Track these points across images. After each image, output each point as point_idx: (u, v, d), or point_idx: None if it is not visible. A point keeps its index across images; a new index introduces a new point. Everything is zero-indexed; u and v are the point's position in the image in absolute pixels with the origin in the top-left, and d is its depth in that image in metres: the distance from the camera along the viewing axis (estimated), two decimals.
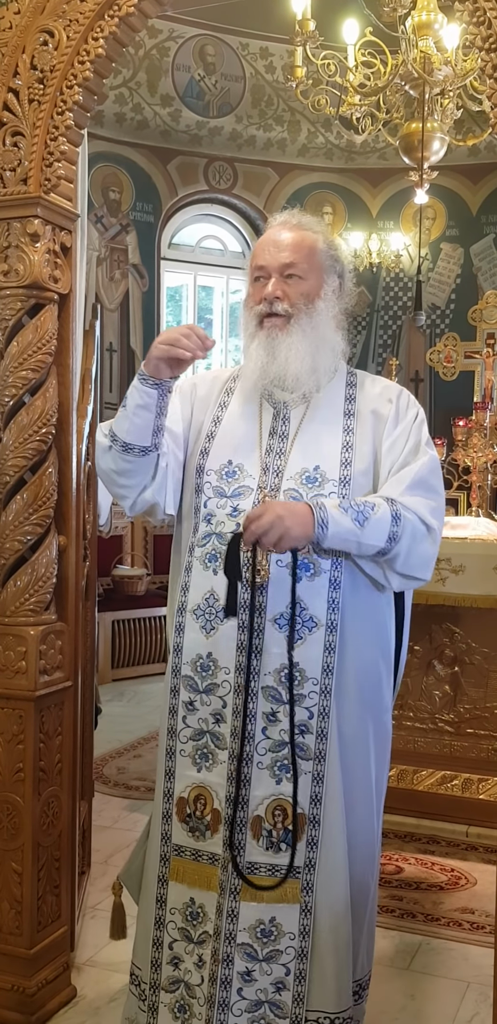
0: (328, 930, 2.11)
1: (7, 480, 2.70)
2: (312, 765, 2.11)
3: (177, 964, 2.18)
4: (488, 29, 2.34)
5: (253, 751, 2.11)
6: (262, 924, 2.11)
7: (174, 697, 2.22)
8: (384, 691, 2.26)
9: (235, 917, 2.11)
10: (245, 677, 2.11)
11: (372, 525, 2.07)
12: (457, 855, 3.91)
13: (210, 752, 2.16)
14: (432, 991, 2.91)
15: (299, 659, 2.10)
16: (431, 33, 5.45)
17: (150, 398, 2.14)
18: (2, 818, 2.69)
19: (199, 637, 2.18)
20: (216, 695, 2.15)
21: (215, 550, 2.17)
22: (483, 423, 5.35)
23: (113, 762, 5.21)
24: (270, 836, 2.11)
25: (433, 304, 9.36)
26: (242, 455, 2.21)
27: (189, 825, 2.18)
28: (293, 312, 2.19)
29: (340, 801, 2.12)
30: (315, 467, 2.17)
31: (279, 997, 2.11)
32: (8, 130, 2.71)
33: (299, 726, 2.11)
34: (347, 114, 5.84)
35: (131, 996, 2.30)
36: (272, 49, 8.77)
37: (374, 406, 2.25)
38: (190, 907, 2.17)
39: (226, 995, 2.10)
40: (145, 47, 8.45)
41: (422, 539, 2.13)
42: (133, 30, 2.74)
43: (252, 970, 2.11)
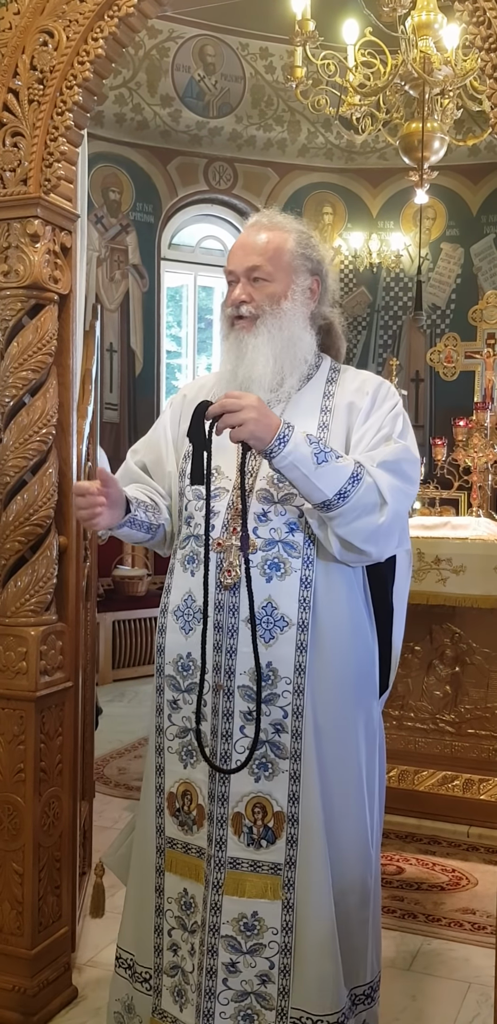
0: (311, 929, 2.12)
1: (7, 480, 2.70)
2: (289, 764, 2.13)
3: (176, 951, 2.24)
4: (488, 29, 2.34)
5: (231, 749, 2.13)
6: (245, 918, 2.14)
7: (160, 696, 2.26)
8: (370, 688, 2.26)
9: (218, 910, 2.15)
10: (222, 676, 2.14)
11: (328, 471, 2.03)
12: (458, 856, 3.91)
13: (194, 749, 2.20)
14: (433, 992, 2.90)
15: (272, 658, 2.11)
16: (431, 33, 5.46)
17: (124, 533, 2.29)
18: (3, 819, 2.69)
19: (179, 638, 2.22)
20: (196, 694, 2.18)
21: (193, 552, 2.21)
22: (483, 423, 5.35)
23: (114, 762, 5.21)
24: (251, 833, 2.14)
25: (433, 304, 9.36)
26: (220, 457, 2.23)
27: (178, 819, 2.24)
28: (258, 313, 2.21)
29: (317, 800, 2.12)
30: None
31: (265, 989, 2.14)
32: (8, 131, 2.71)
33: (274, 725, 2.12)
34: (347, 114, 5.84)
35: (119, 979, 2.36)
36: (272, 49, 8.78)
37: (350, 399, 2.24)
38: (184, 897, 2.23)
39: (212, 984, 2.14)
40: (145, 47, 8.45)
41: (372, 510, 2.08)
42: (133, 30, 2.74)
43: (237, 962, 2.14)
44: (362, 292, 9.62)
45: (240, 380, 2.21)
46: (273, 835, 2.13)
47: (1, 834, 2.70)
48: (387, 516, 2.08)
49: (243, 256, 2.24)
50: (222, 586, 2.14)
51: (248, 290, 2.21)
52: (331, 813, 2.14)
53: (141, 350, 9.15)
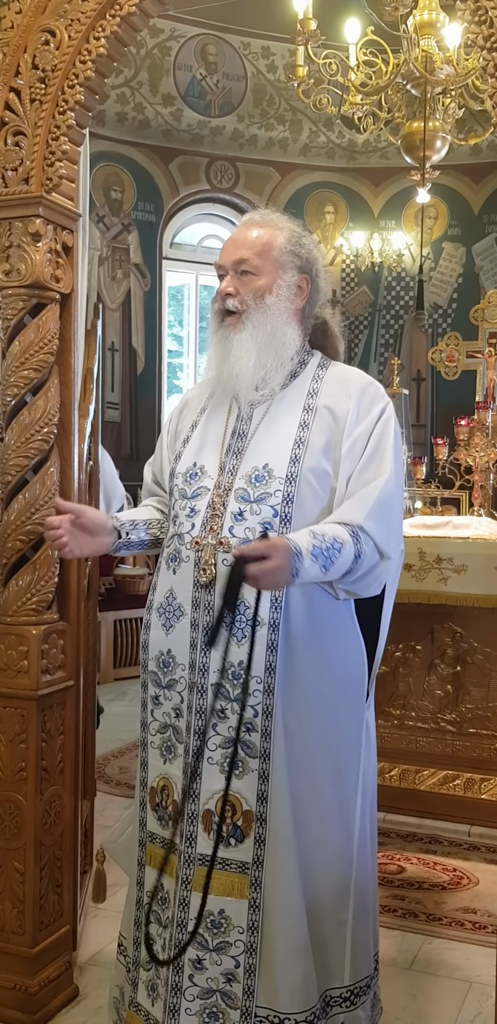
0: (278, 928, 2.12)
1: (9, 479, 2.70)
2: (258, 763, 2.13)
3: (151, 945, 2.24)
4: (490, 28, 2.34)
5: (204, 746, 2.15)
6: (211, 915, 2.14)
7: (144, 691, 2.30)
8: (354, 690, 2.24)
9: (186, 906, 2.15)
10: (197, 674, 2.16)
11: (335, 568, 2.06)
12: (459, 855, 3.91)
13: (172, 745, 2.22)
14: (434, 991, 2.90)
15: (243, 657, 2.10)
16: (433, 32, 5.46)
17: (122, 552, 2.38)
18: (4, 817, 2.70)
19: (160, 634, 2.24)
20: (175, 690, 2.21)
21: (176, 550, 2.23)
22: (485, 422, 5.35)
23: (115, 761, 5.21)
24: (220, 830, 2.14)
25: (435, 303, 9.35)
26: (205, 456, 2.26)
27: (158, 814, 2.26)
28: (243, 308, 2.23)
29: (286, 800, 2.12)
30: (264, 465, 2.18)
31: (230, 988, 2.14)
32: (10, 130, 2.71)
33: (245, 724, 2.13)
34: (349, 113, 5.84)
35: (119, 965, 2.40)
36: (274, 48, 8.78)
37: (330, 400, 2.22)
38: (160, 891, 2.24)
39: (179, 979, 2.15)
40: (147, 46, 8.45)
41: (374, 568, 2.13)
42: (134, 29, 2.74)
43: (203, 958, 2.15)
44: (364, 291, 9.61)
45: (225, 378, 2.25)
46: (242, 834, 2.14)
47: (2, 833, 2.70)
48: (386, 565, 2.16)
49: (232, 250, 2.26)
50: (199, 584, 2.16)
51: (235, 283, 2.24)
52: (302, 815, 2.13)
53: (143, 349, 9.15)
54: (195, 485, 2.24)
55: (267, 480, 2.16)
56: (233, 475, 2.21)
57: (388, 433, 2.20)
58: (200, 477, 2.24)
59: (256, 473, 2.18)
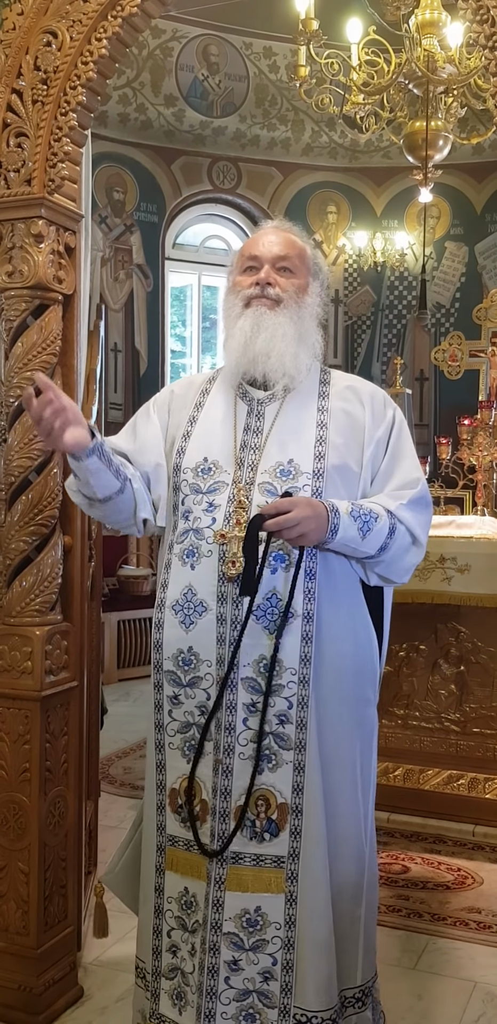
0: (311, 923, 2.12)
1: (12, 481, 2.70)
2: (293, 755, 2.13)
3: (175, 952, 2.22)
4: (492, 27, 2.34)
5: (235, 742, 2.13)
6: (248, 913, 2.13)
7: (158, 692, 2.25)
8: (364, 682, 2.26)
9: (220, 906, 2.13)
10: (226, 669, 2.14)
11: (372, 536, 2.15)
12: (463, 854, 3.91)
13: (197, 744, 2.18)
14: (439, 991, 2.90)
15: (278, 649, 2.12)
16: (435, 31, 5.45)
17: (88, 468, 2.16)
18: (8, 818, 2.70)
19: (179, 632, 2.20)
20: (200, 688, 2.18)
21: (193, 546, 2.20)
22: (488, 422, 5.35)
23: (119, 762, 5.22)
24: (254, 826, 2.13)
25: (438, 303, 9.35)
26: (217, 451, 2.25)
27: (181, 816, 2.21)
28: (283, 298, 2.26)
29: (320, 790, 2.14)
30: (289, 460, 2.21)
31: (267, 987, 2.13)
32: (12, 131, 2.71)
33: (279, 716, 2.13)
34: (351, 113, 5.84)
35: (138, 989, 2.33)
36: (276, 48, 8.77)
37: (345, 405, 2.29)
38: (184, 896, 2.20)
39: (214, 983, 2.12)
40: (148, 47, 8.45)
41: (407, 551, 2.23)
42: (136, 30, 2.74)
43: (239, 959, 2.13)
44: (366, 291, 9.61)
45: (253, 354, 2.24)
46: (276, 827, 2.13)
47: (7, 833, 2.70)
48: (420, 552, 2.26)
49: (270, 245, 2.30)
50: (225, 578, 2.14)
51: (273, 276, 2.27)
52: (329, 807, 2.15)
53: (145, 350, 9.15)
54: (210, 480, 2.22)
55: (294, 475, 2.19)
56: (253, 470, 2.21)
57: (406, 434, 2.32)
58: (215, 472, 2.23)
59: (281, 468, 2.20)
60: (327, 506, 2.10)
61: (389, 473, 2.26)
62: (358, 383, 2.38)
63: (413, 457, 2.30)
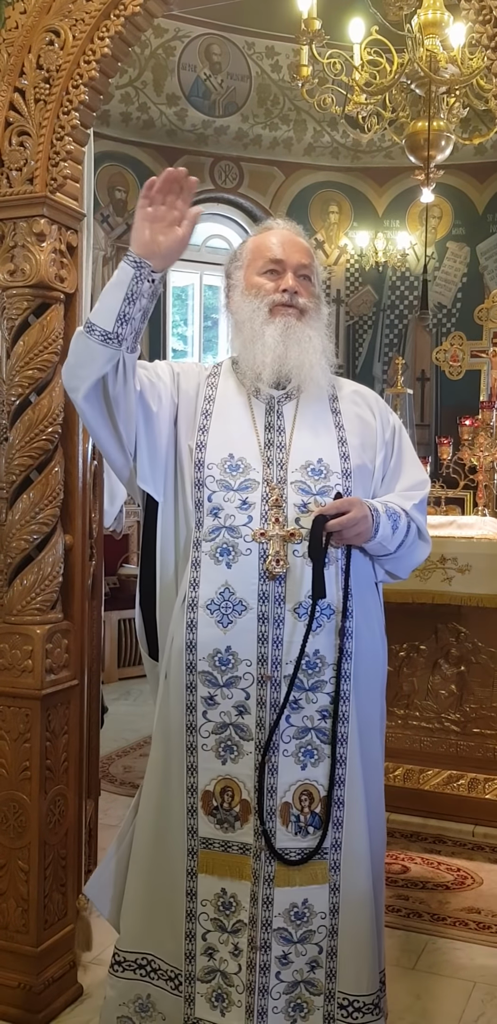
0: (354, 908, 2.18)
1: (13, 479, 2.70)
2: (334, 748, 2.17)
3: (212, 954, 2.21)
4: (494, 27, 2.34)
5: (279, 739, 2.15)
6: (296, 907, 2.17)
7: (191, 694, 2.20)
8: (382, 675, 2.35)
9: (270, 904, 2.16)
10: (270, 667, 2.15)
11: (398, 534, 2.25)
12: (463, 855, 3.91)
13: (234, 744, 2.18)
14: (438, 991, 2.90)
15: (318, 646, 2.16)
16: (437, 31, 5.45)
17: (124, 275, 2.09)
18: (9, 816, 2.70)
19: (215, 632, 2.18)
20: (238, 687, 2.17)
21: (227, 543, 2.18)
22: (489, 422, 5.35)
23: (119, 761, 5.22)
24: (298, 821, 2.16)
25: (439, 303, 9.34)
26: (242, 449, 2.25)
27: (217, 817, 2.20)
28: (309, 308, 2.29)
29: (361, 781, 2.20)
30: (319, 459, 2.24)
31: (313, 975, 2.18)
32: (14, 130, 2.71)
33: (320, 711, 2.17)
34: (353, 113, 5.84)
35: (124, 982, 2.31)
36: (278, 48, 8.77)
37: (356, 409, 2.36)
38: (222, 897, 2.20)
39: (265, 980, 2.16)
40: (151, 46, 8.45)
41: (416, 549, 2.33)
42: (139, 29, 2.74)
43: (288, 953, 2.17)
44: (368, 291, 9.60)
45: (286, 369, 2.25)
46: (320, 820, 2.17)
47: (7, 832, 2.70)
48: (428, 548, 2.37)
49: (292, 251, 2.31)
50: (268, 576, 2.15)
51: (297, 284, 2.28)
52: (369, 797, 2.22)
53: (147, 349, 9.14)
54: (240, 478, 2.21)
55: (325, 474, 2.22)
56: (283, 468, 2.22)
57: (406, 436, 2.42)
58: (244, 470, 2.22)
59: (312, 467, 2.23)
60: (369, 506, 2.19)
61: (397, 474, 2.35)
62: (363, 389, 2.45)
63: (416, 458, 2.41)
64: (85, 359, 2.12)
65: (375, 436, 2.34)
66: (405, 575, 2.39)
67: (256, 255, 2.32)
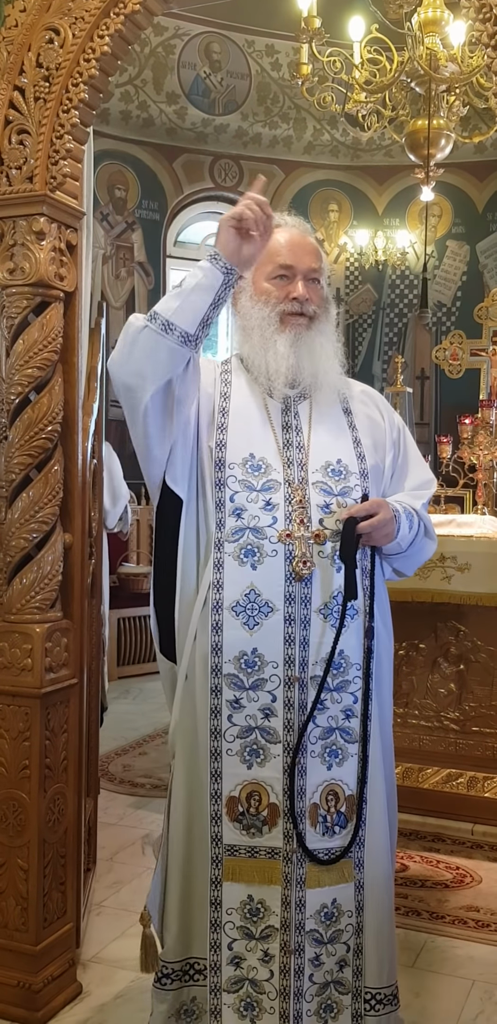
0: (377, 904, 2.21)
1: (13, 478, 2.70)
2: (358, 747, 2.19)
3: (239, 963, 2.17)
4: (494, 26, 2.34)
5: (307, 740, 2.15)
6: (326, 907, 2.17)
7: (216, 697, 2.16)
8: (392, 672, 2.40)
9: (303, 906, 2.15)
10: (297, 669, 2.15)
11: (413, 530, 2.28)
12: (462, 853, 3.91)
13: (261, 748, 2.15)
14: (437, 989, 2.91)
15: (343, 646, 2.17)
16: (437, 30, 5.45)
17: (213, 280, 2.09)
18: (8, 815, 2.70)
19: (241, 634, 2.14)
20: (264, 690, 2.14)
21: (251, 544, 2.15)
22: (489, 421, 5.34)
23: (119, 759, 5.22)
24: (325, 821, 2.17)
25: (439, 302, 9.34)
26: (261, 448, 2.23)
27: (242, 823, 2.16)
28: (316, 315, 2.27)
29: (382, 777, 2.23)
30: (338, 460, 2.25)
31: (342, 975, 2.19)
32: (14, 128, 2.71)
33: (345, 711, 2.18)
34: (353, 111, 5.83)
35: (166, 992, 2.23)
36: (278, 46, 8.76)
37: (366, 409, 2.38)
38: (248, 904, 2.16)
39: (300, 984, 2.15)
40: (151, 45, 8.45)
41: (424, 548, 2.36)
42: (139, 28, 2.74)
43: (320, 954, 2.17)
44: (367, 289, 9.60)
45: (307, 373, 2.24)
46: (345, 819, 2.18)
47: (6, 830, 2.70)
48: (434, 545, 2.40)
49: (303, 255, 2.27)
50: (295, 577, 2.14)
51: (307, 290, 2.26)
52: (389, 793, 2.26)
53: None
54: (263, 478, 2.19)
55: (345, 475, 2.24)
56: (303, 469, 2.21)
57: (410, 436, 2.45)
58: (265, 470, 2.20)
59: (331, 467, 2.24)
60: (392, 506, 2.22)
61: (404, 473, 2.38)
62: (369, 389, 2.47)
63: (420, 457, 2.44)
64: (159, 358, 2.06)
65: (384, 436, 2.36)
66: (411, 572, 2.43)
67: (265, 259, 2.25)
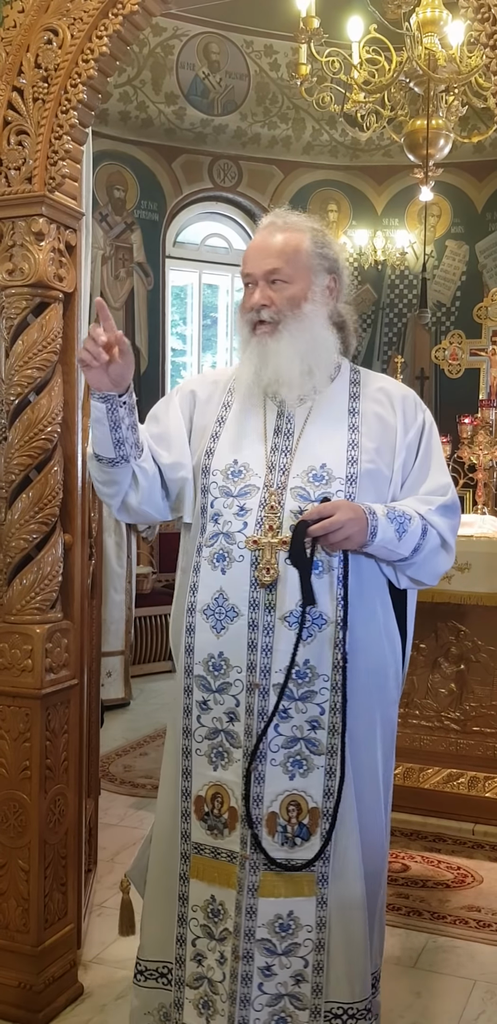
0: (341, 922, 2.14)
1: (13, 479, 2.70)
2: (324, 760, 2.13)
3: (200, 961, 2.20)
4: (493, 25, 2.34)
5: (266, 748, 2.12)
6: (280, 919, 2.13)
7: (188, 697, 2.21)
8: (391, 686, 2.28)
9: (254, 913, 2.13)
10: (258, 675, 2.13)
11: (407, 537, 2.15)
12: (463, 853, 3.91)
13: (225, 751, 2.17)
14: (438, 989, 2.90)
15: (309, 656, 2.12)
16: (436, 30, 5.45)
17: (99, 412, 2.15)
18: (9, 816, 2.70)
19: (210, 637, 2.17)
20: (229, 694, 2.15)
21: (223, 549, 2.17)
22: (489, 420, 5.35)
23: (119, 760, 5.22)
24: (285, 831, 2.13)
25: (438, 301, 9.34)
26: (247, 454, 2.22)
27: (207, 823, 2.19)
28: (280, 318, 2.20)
29: (351, 794, 2.15)
30: (322, 464, 2.18)
31: (298, 989, 2.14)
32: (13, 129, 2.71)
33: (310, 722, 2.12)
34: (352, 111, 5.84)
35: (146, 991, 2.29)
36: (276, 46, 8.76)
37: (377, 408, 2.26)
38: (211, 904, 2.18)
39: (247, 991, 2.12)
40: (149, 45, 8.45)
41: (438, 554, 2.22)
42: (137, 28, 2.74)
43: (272, 965, 2.13)
44: (367, 289, 9.60)
45: (265, 383, 2.22)
46: (308, 832, 2.13)
47: (7, 831, 2.70)
48: (450, 557, 2.25)
49: (261, 259, 2.22)
50: (258, 583, 2.13)
51: (268, 293, 2.20)
52: (361, 810, 2.17)
53: (146, 348, 9.14)
54: (241, 483, 2.19)
55: (327, 480, 2.17)
56: (285, 474, 2.18)
57: (435, 437, 2.31)
58: (245, 475, 2.20)
59: (314, 472, 2.17)
60: (365, 509, 2.10)
61: (420, 477, 2.25)
62: (390, 385, 2.34)
63: (442, 462, 2.30)
64: (106, 480, 2.23)
65: (394, 437, 2.23)
66: (432, 582, 2.28)
67: (241, 268, 2.29)
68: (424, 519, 2.17)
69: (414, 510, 2.18)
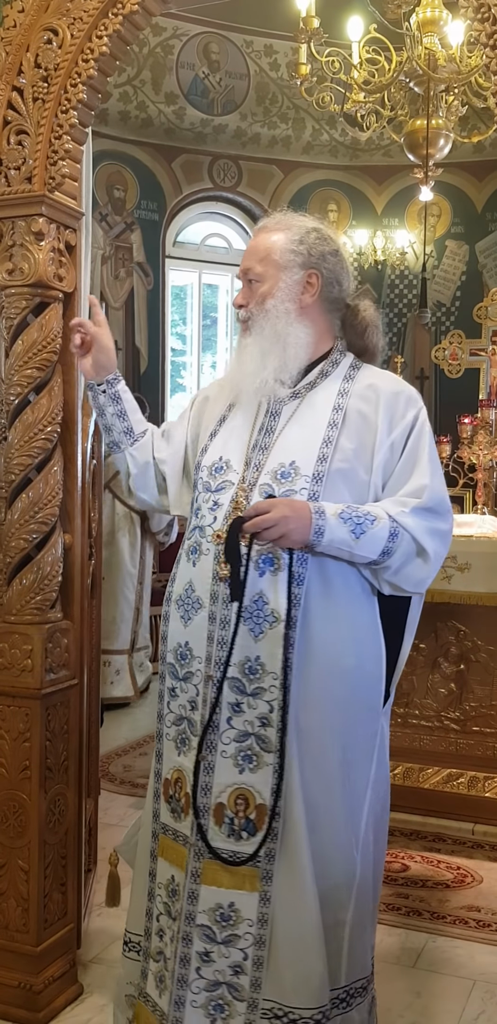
0: (286, 922, 2.12)
1: (13, 479, 2.70)
2: (274, 758, 2.12)
3: (161, 936, 2.27)
4: (493, 25, 2.33)
5: (217, 740, 2.15)
6: (221, 908, 2.15)
7: (162, 683, 2.31)
8: (364, 690, 2.22)
9: (195, 899, 2.16)
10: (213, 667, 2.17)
11: (368, 538, 2.10)
12: (463, 853, 3.91)
13: (186, 738, 2.23)
14: (438, 989, 2.90)
15: (260, 653, 2.12)
16: (435, 30, 5.45)
17: (93, 400, 2.47)
18: (9, 816, 2.70)
19: (179, 627, 2.25)
20: (191, 683, 2.21)
21: (196, 543, 2.24)
22: (489, 420, 5.35)
23: (119, 760, 5.22)
24: (232, 824, 2.14)
25: (438, 301, 9.34)
26: (231, 451, 2.28)
27: (171, 806, 2.26)
28: (249, 316, 2.29)
29: (299, 795, 2.11)
30: (291, 462, 2.18)
31: (237, 980, 2.14)
32: (12, 128, 2.71)
33: (260, 719, 2.13)
34: (352, 111, 5.84)
35: (128, 962, 2.40)
36: (276, 46, 8.76)
37: (363, 405, 2.22)
38: (171, 884, 2.25)
39: (185, 972, 2.17)
40: (149, 45, 8.44)
41: (413, 558, 2.15)
42: (137, 28, 2.74)
43: (210, 951, 2.16)
44: (367, 289, 9.60)
45: (237, 382, 2.32)
46: (254, 827, 2.13)
47: (7, 831, 2.70)
48: (431, 561, 2.17)
49: (243, 261, 2.33)
50: (218, 577, 2.17)
51: (245, 293, 2.31)
52: (313, 811, 2.13)
53: (146, 348, 9.15)
54: (219, 479, 2.25)
55: (293, 477, 2.16)
56: (258, 471, 2.21)
57: (426, 437, 2.22)
58: (225, 471, 2.25)
59: (282, 470, 2.19)
60: (311, 508, 2.08)
61: (401, 478, 2.19)
62: (383, 381, 2.27)
63: (429, 463, 2.19)
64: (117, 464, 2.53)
65: (374, 437, 2.18)
66: (412, 589, 2.21)
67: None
68: (394, 521, 2.11)
69: (385, 511, 2.13)
